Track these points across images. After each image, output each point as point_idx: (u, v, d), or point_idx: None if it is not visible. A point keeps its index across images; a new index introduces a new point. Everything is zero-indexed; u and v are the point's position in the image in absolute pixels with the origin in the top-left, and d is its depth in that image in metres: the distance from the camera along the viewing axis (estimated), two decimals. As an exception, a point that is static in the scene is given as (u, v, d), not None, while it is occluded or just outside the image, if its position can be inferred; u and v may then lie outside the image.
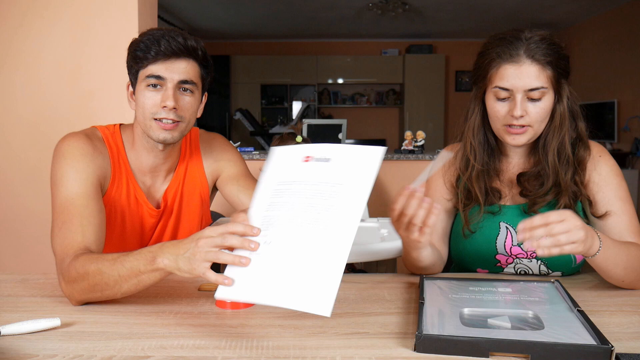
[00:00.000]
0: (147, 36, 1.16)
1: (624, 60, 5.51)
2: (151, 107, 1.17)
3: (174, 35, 1.16)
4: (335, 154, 0.89)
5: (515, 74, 1.14)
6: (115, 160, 1.24)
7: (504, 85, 1.16)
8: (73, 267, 0.99)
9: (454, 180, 1.32)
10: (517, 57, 1.14)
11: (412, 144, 3.47)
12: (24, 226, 2.53)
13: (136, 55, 1.16)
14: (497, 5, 5.68)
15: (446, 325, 0.86)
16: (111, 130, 1.28)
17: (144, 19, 2.51)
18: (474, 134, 1.27)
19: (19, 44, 2.47)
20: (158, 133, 1.19)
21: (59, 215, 1.10)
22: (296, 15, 6.29)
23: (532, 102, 1.16)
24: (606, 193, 1.21)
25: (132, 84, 1.22)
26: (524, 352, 0.78)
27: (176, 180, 1.34)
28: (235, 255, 0.85)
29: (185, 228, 1.38)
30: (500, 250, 1.26)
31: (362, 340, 0.86)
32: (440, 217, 1.32)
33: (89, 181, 1.15)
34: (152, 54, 1.14)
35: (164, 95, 1.16)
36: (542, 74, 1.14)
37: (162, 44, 1.14)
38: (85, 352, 0.81)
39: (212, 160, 1.38)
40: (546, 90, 1.15)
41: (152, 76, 1.16)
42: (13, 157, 2.52)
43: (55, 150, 1.18)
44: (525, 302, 0.97)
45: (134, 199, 1.27)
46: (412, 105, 7.75)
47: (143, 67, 1.16)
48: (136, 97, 1.20)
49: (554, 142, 1.21)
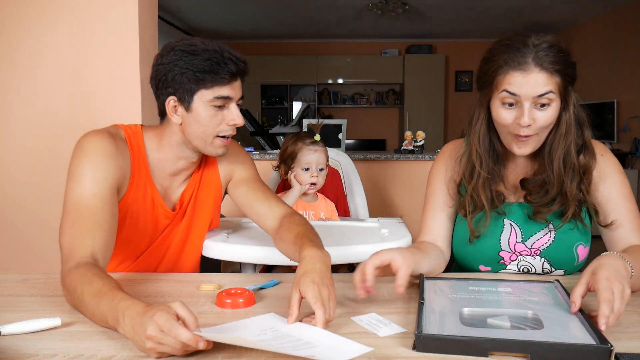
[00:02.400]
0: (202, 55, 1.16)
1: (624, 60, 5.51)
2: (216, 125, 1.21)
3: (232, 54, 1.19)
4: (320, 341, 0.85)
5: (523, 81, 1.11)
6: (136, 161, 1.24)
7: (511, 90, 1.12)
8: (71, 277, 0.98)
9: (456, 188, 1.31)
10: (525, 65, 1.11)
11: (412, 144, 3.47)
12: (25, 226, 2.53)
13: (197, 77, 1.16)
14: (497, 5, 5.68)
15: (446, 325, 0.87)
16: (133, 130, 1.27)
17: (144, 18, 2.51)
18: (480, 141, 1.24)
19: (20, 44, 2.47)
20: (219, 149, 1.25)
21: (71, 212, 1.10)
22: (296, 15, 6.29)
23: (539, 109, 1.13)
24: (610, 192, 1.21)
25: (179, 99, 1.20)
26: (524, 351, 0.78)
27: (193, 183, 1.35)
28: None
29: (197, 230, 1.38)
30: (504, 247, 1.26)
31: (362, 340, 0.86)
32: (442, 220, 1.31)
33: (107, 182, 1.14)
34: (223, 76, 1.17)
35: (233, 114, 1.22)
36: (550, 82, 1.11)
37: (230, 66, 1.17)
38: (86, 352, 0.82)
39: (226, 163, 1.39)
40: (553, 98, 1.12)
41: (221, 97, 1.19)
42: (14, 157, 2.52)
43: (77, 145, 1.17)
44: (525, 302, 0.97)
45: (151, 201, 1.28)
46: (412, 105, 7.74)
47: (207, 88, 1.18)
48: (193, 113, 1.20)
49: (560, 150, 1.19)
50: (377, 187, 3.42)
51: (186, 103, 1.19)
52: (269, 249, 1.34)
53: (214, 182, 1.38)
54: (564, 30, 6.84)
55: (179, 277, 1.25)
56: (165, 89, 1.20)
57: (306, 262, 1.01)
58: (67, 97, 2.49)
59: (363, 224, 1.74)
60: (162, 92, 1.21)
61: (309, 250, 1.05)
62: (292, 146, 1.95)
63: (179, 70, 1.16)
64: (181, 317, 0.81)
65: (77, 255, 1.03)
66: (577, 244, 1.23)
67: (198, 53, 1.16)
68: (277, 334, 0.87)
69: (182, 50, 1.17)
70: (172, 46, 1.18)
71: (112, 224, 1.12)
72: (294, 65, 7.89)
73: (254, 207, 1.36)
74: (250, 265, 1.55)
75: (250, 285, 1.15)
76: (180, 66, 1.16)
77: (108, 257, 1.10)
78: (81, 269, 0.99)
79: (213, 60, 1.16)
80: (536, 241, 1.25)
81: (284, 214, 1.31)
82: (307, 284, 0.94)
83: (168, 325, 0.77)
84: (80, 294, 0.94)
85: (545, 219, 1.23)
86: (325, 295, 0.92)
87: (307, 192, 1.94)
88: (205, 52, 1.16)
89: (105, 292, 0.90)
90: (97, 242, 1.07)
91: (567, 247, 1.23)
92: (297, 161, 1.92)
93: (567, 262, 1.24)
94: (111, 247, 1.12)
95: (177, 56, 1.16)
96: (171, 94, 1.19)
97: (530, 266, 1.26)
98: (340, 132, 3.40)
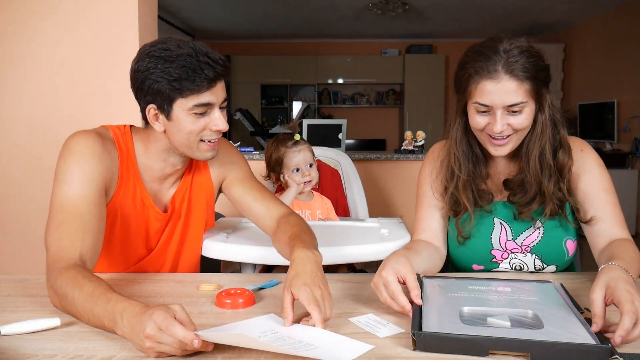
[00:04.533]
0: (177, 62, 1.09)
1: (624, 60, 5.51)
2: (199, 131, 1.16)
3: (209, 57, 1.11)
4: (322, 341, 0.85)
5: (493, 90, 1.13)
6: (124, 162, 1.22)
7: (483, 102, 1.15)
8: (60, 280, 0.97)
9: (442, 190, 1.32)
10: (495, 74, 1.12)
11: (412, 144, 3.47)
12: (25, 226, 2.53)
13: (172, 86, 1.10)
14: (497, 5, 5.67)
15: (446, 324, 0.86)
16: (122, 131, 1.25)
17: (144, 18, 2.51)
18: (457, 145, 1.27)
19: (20, 44, 2.47)
20: (206, 153, 1.21)
21: (57, 212, 1.09)
22: (296, 15, 6.29)
23: (512, 115, 1.15)
24: (590, 186, 1.22)
25: (159, 108, 1.15)
26: (524, 351, 0.78)
27: (184, 186, 1.33)
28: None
29: (193, 232, 1.38)
30: (495, 246, 1.27)
31: (362, 340, 0.86)
32: (436, 218, 1.32)
33: (94, 184, 1.12)
34: (200, 83, 1.10)
35: (216, 119, 1.16)
36: (521, 89, 1.13)
37: (206, 71, 1.10)
38: (85, 352, 0.82)
39: (218, 164, 1.38)
40: (526, 104, 1.14)
41: (201, 105, 1.13)
42: (13, 157, 2.52)
43: (64, 145, 1.16)
44: (525, 302, 0.97)
45: (141, 202, 1.26)
46: (412, 105, 7.74)
47: (185, 97, 1.12)
48: (174, 121, 1.15)
49: (535, 150, 1.21)
50: (377, 187, 3.42)
51: (166, 112, 1.14)
52: (269, 249, 1.34)
53: (205, 184, 1.37)
54: (564, 30, 6.84)
55: (178, 277, 1.25)
56: (144, 96, 1.15)
57: (296, 264, 1.01)
58: (67, 97, 2.49)
59: (363, 224, 1.74)
60: (141, 100, 1.16)
61: (299, 251, 1.04)
62: (276, 152, 1.94)
63: (154, 78, 1.10)
64: (179, 319, 0.81)
65: (65, 257, 1.02)
66: (566, 238, 1.25)
67: (173, 59, 1.09)
68: (278, 336, 0.87)
69: (156, 56, 1.10)
70: (147, 51, 1.12)
71: (99, 226, 1.11)
72: (294, 65, 7.88)
73: (251, 208, 1.35)
74: (250, 266, 1.55)
75: (250, 285, 1.15)
76: (156, 74, 1.10)
77: (96, 259, 1.09)
78: (71, 271, 0.98)
79: (189, 67, 1.09)
80: (526, 238, 1.26)
81: (281, 214, 1.31)
82: (298, 286, 0.93)
83: (165, 323, 0.78)
84: (71, 298, 0.93)
85: (531, 217, 1.24)
86: (318, 295, 0.92)
87: (304, 190, 1.94)
88: (180, 58, 1.09)
89: (98, 295, 0.90)
90: (85, 244, 1.06)
91: (556, 242, 1.25)
92: (285, 166, 1.92)
93: (557, 257, 1.25)
94: (99, 249, 1.11)
95: (152, 63, 1.10)
96: (150, 102, 1.14)
97: (522, 263, 1.27)
98: (340, 132, 3.40)
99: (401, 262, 1.02)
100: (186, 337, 0.77)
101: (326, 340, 0.84)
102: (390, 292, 0.97)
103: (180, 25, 6.65)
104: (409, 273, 1.00)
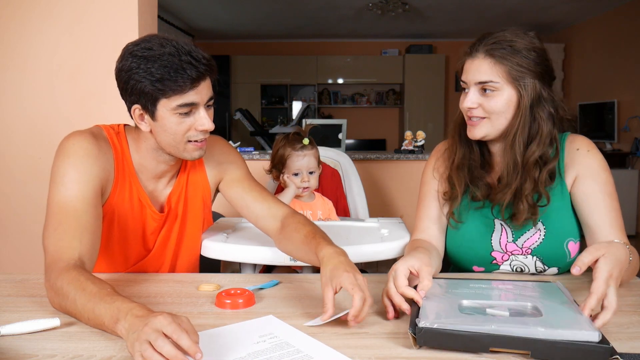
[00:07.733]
0: (159, 62, 1.07)
1: (624, 60, 5.51)
2: (185, 131, 1.15)
3: (192, 56, 1.09)
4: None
5: (469, 67, 1.19)
6: (120, 162, 1.22)
7: (462, 79, 1.21)
8: (60, 280, 0.97)
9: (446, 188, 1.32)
10: (475, 53, 1.18)
11: (412, 144, 3.47)
12: (25, 226, 2.53)
13: (155, 87, 1.08)
14: (497, 5, 5.67)
15: (445, 314, 0.86)
16: (116, 130, 1.25)
17: (144, 19, 2.51)
18: (455, 128, 1.32)
19: (20, 44, 2.47)
20: (194, 153, 1.19)
21: (55, 214, 1.09)
22: (296, 15, 6.29)
23: (485, 96, 1.18)
24: (594, 187, 1.21)
25: (143, 108, 1.14)
26: (524, 348, 0.78)
27: (179, 185, 1.33)
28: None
29: (190, 232, 1.37)
30: (495, 247, 1.27)
31: (362, 340, 0.86)
32: (437, 218, 1.32)
33: (90, 184, 1.12)
34: (182, 84, 1.08)
35: (202, 119, 1.14)
36: (494, 69, 1.16)
37: (189, 71, 1.08)
38: (85, 352, 0.82)
39: (214, 164, 1.37)
40: (498, 85, 1.16)
41: (185, 105, 1.11)
42: (13, 157, 2.52)
43: (60, 147, 1.16)
44: (526, 297, 0.97)
45: (137, 202, 1.26)
46: (412, 105, 7.75)
47: (168, 97, 1.10)
48: (159, 121, 1.14)
49: (517, 139, 1.18)
50: (377, 187, 3.42)
51: (150, 112, 1.13)
52: (269, 249, 1.33)
53: (201, 182, 1.36)
54: (564, 30, 6.84)
55: (178, 277, 1.25)
56: (129, 96, 1.14)
57: (330, 259, 1.02)
58: (67, 97, 2.49)
59: (363, 224, 1.74)
60: (126, 99, 1.15)
61: (327, 248, 1.06)
62: (282, 150, 1.94)
63: (137, 78, 1.09)
64: (185, 329, 0.77)
65: (64, 258, 1.02)
66: (568, 240, 1.23)
67: (155, 59, 1.08)
68: (276, 341, 0.86)
69: (139, 56, 1.09)
70: (130, 50, 1.11)
71: (97, 227, 1.11)
72: (294, 65, 7.88)
73: (250, 208, 1.34)
74: (250, 266, 1.55)
75: (250, 285, 1.15)
76: (139, 74, 1.09)
77: (94, 259, 1.09)
78: (72, 272, 0.98)
79: (170, 67, 1.07)
80: (527, 240, 1.25)
81: (285, 214, 1.30)
82: (340, 274, 0.95)
83: (172, 327, 0.76)
84: (72, 299, 0.93)
85: (524, 220, 1.22)
86: (360, 280, 0.94)
87: (302, 194, 1.94)
88: (162, 58, 1.07)
89: (103, 296, 0.89)
90: (83, 244, 1.06)
91: (557, 244, 1.23)
92: (287, 167, 1.92)
93: (559, 259, 1.24)
94: (97, 249, 1.11)
95: (135, 63, 1.09)
96: (135, 102, 1.13)
97: (523, 265, 1.26)
98: (340, 132, 3.40)
99: (418, 257, 1.03)
100: (190, 348, 0.74)
101: (324, 355, 0.82)
102: (396, 285, 0.97)
103: (180, 25, 6.65)
104: (424, 266, 1.00)
